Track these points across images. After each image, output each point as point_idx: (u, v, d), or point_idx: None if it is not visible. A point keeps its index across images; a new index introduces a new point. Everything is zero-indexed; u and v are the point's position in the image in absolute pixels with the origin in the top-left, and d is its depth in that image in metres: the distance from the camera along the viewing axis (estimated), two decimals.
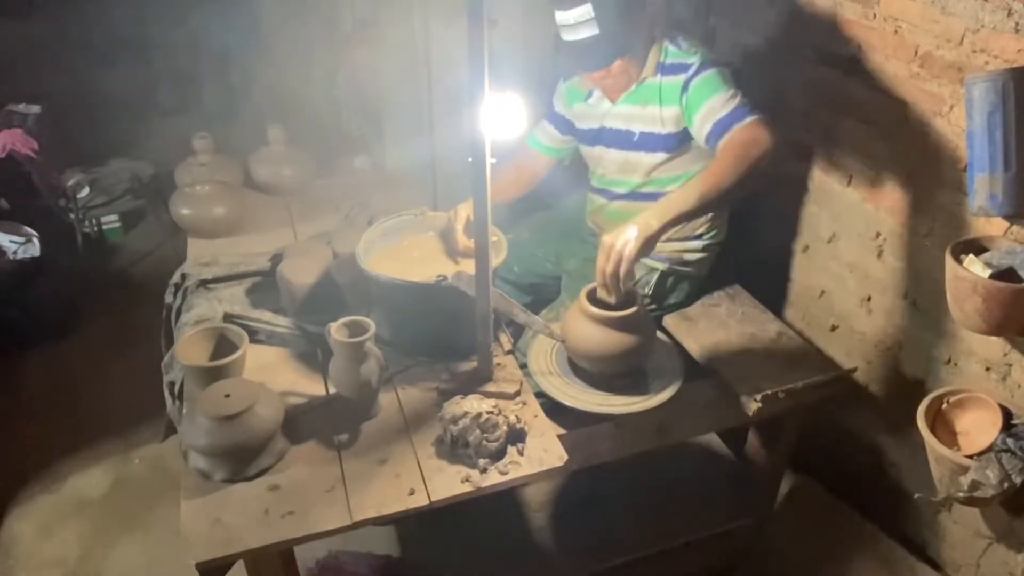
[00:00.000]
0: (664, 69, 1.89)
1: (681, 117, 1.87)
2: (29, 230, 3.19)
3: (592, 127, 2.05)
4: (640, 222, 1.57)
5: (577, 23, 1.76)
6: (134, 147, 4.11)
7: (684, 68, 1.85)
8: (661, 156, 1.95)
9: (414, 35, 2.48)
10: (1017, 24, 1.50)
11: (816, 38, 2.04)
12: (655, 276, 2.07)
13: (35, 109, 3.59)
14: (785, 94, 2.18)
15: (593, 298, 1.73)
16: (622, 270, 1.56)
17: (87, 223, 3.71)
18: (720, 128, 1.75)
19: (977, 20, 1.58)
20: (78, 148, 3.83)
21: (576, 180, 2.27)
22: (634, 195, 2.03)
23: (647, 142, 1.95)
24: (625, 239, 1.56)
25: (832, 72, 2.00)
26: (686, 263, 2.08)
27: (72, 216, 3.52)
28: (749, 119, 1.71)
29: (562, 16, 1.78)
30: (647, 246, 1.57)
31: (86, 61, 4.24)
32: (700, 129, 1.81)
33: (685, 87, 1.84)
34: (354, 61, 3.33)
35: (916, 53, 1.75)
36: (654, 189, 1.98)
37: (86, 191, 3.60)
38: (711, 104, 1.78)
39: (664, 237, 2.01)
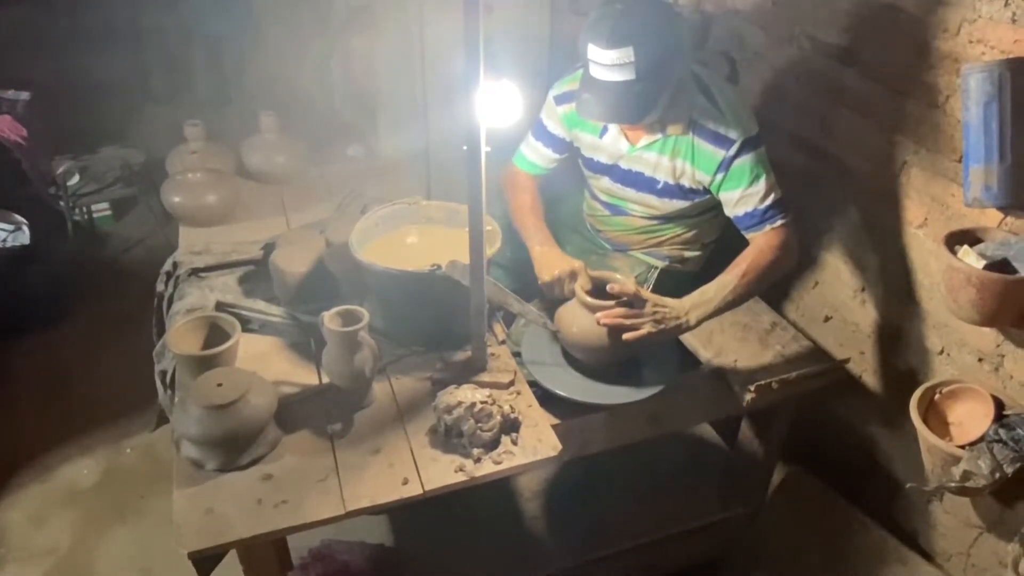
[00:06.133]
0: (698, 130, 1.78)
1: (710, 183, 1.83)
2: (19, 218, 3.16)
3: (602, 161, 1.97)
4: (683, 316, 1.70)
5: (613, 64, 1.63)
6: (125, 134, 4.10)
7: (724, 142, 1.75)
8: (685, 204, 1.92)
9: (408, 22, 2.47)
10: (1014, 14, 1.50)
11: (812, 27, 2.03)
12: (655, 273, 2.06)
13: (24, 95, 3.56)
14: (781, 84, 2.17)
15: (587, 288, 1.73)
16: (627, 330, 1.66)
17: (77, 211, 3.68)
18: (754, 220, 1.78)
19: (974, 10, 1.58)
20: (68, 135, 3.80)
21: (574, 177, 2.22)
22: (645, 216, 2.01)
23: (671, 191, 1.90)
24: (663, 328, 1.67)
25: (828, 62, 1.99)
26: (684, 260, 2.08)
27: (62, 204, 3.49)
28: (781, 221, 1.77)
29: (597, 53, 1.63)
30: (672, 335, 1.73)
31: (76, 47, 4.20)
32: (732, 208, 1.81)
33: (724, 166, 1.77)
34: (348, 48, 3.31)
35: (913, 43, 1.74)
36: (667, 213, 1.97)
37: (76, 178, 3.57)
38: (750, 191, 1.76)
39: (662, 243, 2.03)
